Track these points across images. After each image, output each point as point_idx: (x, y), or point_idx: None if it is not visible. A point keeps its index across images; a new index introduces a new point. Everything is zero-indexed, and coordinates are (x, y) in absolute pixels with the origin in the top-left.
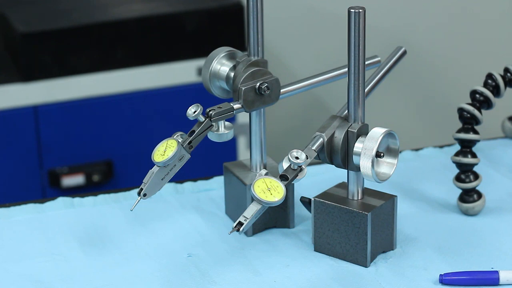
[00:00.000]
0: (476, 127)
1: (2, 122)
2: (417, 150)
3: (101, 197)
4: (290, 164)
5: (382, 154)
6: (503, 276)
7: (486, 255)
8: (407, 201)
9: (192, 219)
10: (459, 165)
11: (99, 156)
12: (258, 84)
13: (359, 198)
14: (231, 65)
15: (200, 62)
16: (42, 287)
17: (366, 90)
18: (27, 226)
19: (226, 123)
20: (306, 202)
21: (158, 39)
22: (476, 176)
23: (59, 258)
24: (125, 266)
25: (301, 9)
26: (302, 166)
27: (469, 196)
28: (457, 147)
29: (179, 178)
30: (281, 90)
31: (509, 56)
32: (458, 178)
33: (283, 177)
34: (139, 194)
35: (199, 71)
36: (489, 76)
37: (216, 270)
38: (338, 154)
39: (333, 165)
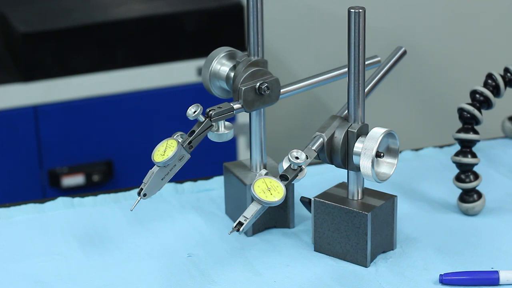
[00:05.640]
0: (476, 127)
1: (2, 122)
2: (417, 150)
3: (101, 197)
4: (290, 164)
5: (382, 154)
6: (503, 276)
7: (486, 255)
8: (407, 201)
9: (192, 219)
10: (459, 165)
11: (99, 156)
12: (258, 84)
13: (359, 198)
14: (231, 65)
15: (200, 62)
16: (42, 287)
17: (366, 90)
18: (27, 226)
19: (226, 123)
20: (306, 202)
21: (158, 39)
22: (476, 176)
23: (59, 258)
24: (125, 266)
25: (301, 9)
26: (302, 166)
27: (469, 196)
28: (457, 147)
29: (179, 178)
30: (281, 90)
31: (509, 56)
32: (458, 178)
33: (283, 177)
34: (139, 194)
35: (199, 71)
36: (489, 76)
37: (216, 270)
38: (338, 154)
39: (333, 165)
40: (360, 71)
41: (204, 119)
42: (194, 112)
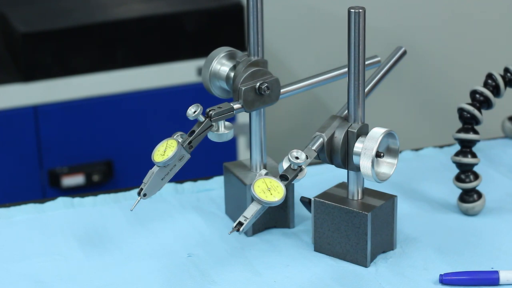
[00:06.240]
0: (476, 127)
1: (2, 122)
2: (417, 150)
3: (101, 197)
4: (290, 164)
5: (382, 154)
6: (503, 276)
7: (486, 255)
8: (407, 201)
9: (192, 219)
10: (459, 165)
11: (99, 156)
12: (258, 84)
13: (359, 198)
14: (231, 65)
15: (200, 62)
16: (42, 287)
17: (366, 90)
18: (27, 226)
19: (226, 123)
20: (306, 202)
21: (158, 39)
22: (476, 176)
23: (59, 258)
24: (125, 266)
25: (301, 9)
26: (302, 166)
27: (469, 196)
28: (457, 147)
29: (179, 178)
30: (281, 90)
31: (509, 56)
32: (458, 178)
33: (283, 177)
34: (139, 194)
35: (199, 71)
36: (489, 76)
37: (216, 270)
38: (338, 154)
39: (333, 165)
40: (360, 71)
41: (204, 119)
42: (194, 112)
